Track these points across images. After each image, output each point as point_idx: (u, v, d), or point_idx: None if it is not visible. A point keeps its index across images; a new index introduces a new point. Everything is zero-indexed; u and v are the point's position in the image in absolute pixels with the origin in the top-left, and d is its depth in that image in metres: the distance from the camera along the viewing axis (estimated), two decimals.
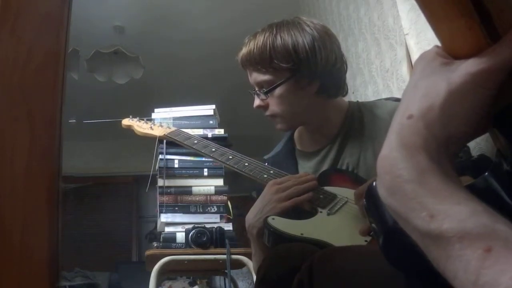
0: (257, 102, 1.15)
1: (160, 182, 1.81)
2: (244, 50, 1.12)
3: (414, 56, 1.45)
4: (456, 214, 0.32)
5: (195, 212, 1.81)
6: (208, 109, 1.97)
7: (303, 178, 1.08)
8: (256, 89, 1.14)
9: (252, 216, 1.05)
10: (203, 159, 1.82)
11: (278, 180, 1.08)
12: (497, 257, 0.29)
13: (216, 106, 1.99)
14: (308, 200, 1.04)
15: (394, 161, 0.36)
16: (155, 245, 1.93)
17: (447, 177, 0.35)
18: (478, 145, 1.05)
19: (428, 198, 0.34)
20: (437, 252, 0.32)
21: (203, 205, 1.82)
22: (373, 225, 0.43)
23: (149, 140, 1.67)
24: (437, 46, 0.40)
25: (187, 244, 1.73)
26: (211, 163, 1.84)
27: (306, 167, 1.17)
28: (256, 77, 1.12)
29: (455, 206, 0.32)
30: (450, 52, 0.38)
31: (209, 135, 1.84)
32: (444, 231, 0.31)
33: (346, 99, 1.22)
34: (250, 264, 1.64)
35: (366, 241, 0.91)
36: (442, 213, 0.32)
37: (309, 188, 1.05)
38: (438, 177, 0.35)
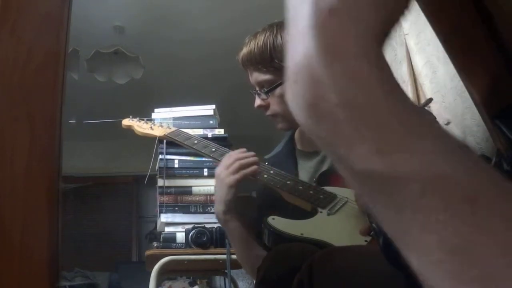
0: (257, 102, 1.15)
1: (160, 182, 1.81)
2: (245, 50, 1.12)
3: (414, 56, 1.45)
4: (415, 149, 0.22)
5: (195, 212, 1.81)
6: (208, 109, 1.97)
7: (243, 154, 1.12)
8: (257, 89, 1.14)
9: (217, 206, 1.09)
10: (203, 159, 1.82)
11: (221, 163, 1.13)
12: (482, 212, 0.20)
13: (216, 106, 1.99)
14: (253, 172, 1.08)
15: (316, 72, 0.25)
16: (155, 245, 1.92)
17: (398, 92, 0.24)
18: (478, 145, 1.05)
19: (373, 124, 0.23)
20: (381, 200, 0.23)
21: (203, 205, 1.82)
22: (374, 225, 0.43)
23: (149, 140, 1.67)
24: None
25: (187, 244, 1.73)
26: (211, 163, 1.84)
27: (306, 167, 1.17)
28: (257, 76, 1.12)
29: (415, 140, 0.23)
30: None
31: (209, 135, 1.84)
32: (399, 172, 0.22)
33: None
34: None
35: (366, 241, 0.91)
36: (395, 146, 0.23)
37: (253, 162, 1.09)
38: (385, 92, 0.24)
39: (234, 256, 1.72)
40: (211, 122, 1.94)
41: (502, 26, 0.34)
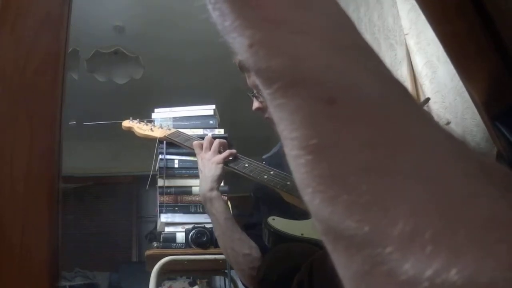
0: (255, 104, 1.15)
1: (160, 182, 1.81)
2: None
3: (414, 56, 1.45)
4: (285, 45, 0.19)
5: (195, 212, 1.81)
6: (208, 109, 1.97)
7: (211, 139, 1.22)
8: (255, 91, 1.14)
9: (202, 186, 1.12)
10: None
11: (202, 149, 1.19)
12: (340, 112, 0.19)
13: (216, 106, 1.99)
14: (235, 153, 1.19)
15: None
16: (155, 245, 1.93)
17: None
18: (478, 145, 1.05)
19: (249, 12, 0.20)
20: (265, 95, 0.21)
21: (203, 205, 1.82)
22: None
23: (149, 140, 1.67)
24: None
25: (187, 244, 1.73)
26: None
27: None
28: (254, 79, 1.12)
29: (287, 35, 0.19)
30: None
31: (209, 135, 1.83)
32: (268, 70, 0.20)
33: None
34: None
35: None
36: (264, 41, 0.20)
37: (224, 143, 1.21)
38: None
39: None
40: (211, 122, 1.94)
41: (501, 26, 0.34)
